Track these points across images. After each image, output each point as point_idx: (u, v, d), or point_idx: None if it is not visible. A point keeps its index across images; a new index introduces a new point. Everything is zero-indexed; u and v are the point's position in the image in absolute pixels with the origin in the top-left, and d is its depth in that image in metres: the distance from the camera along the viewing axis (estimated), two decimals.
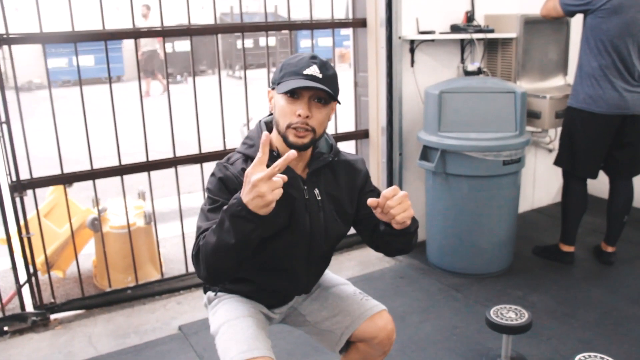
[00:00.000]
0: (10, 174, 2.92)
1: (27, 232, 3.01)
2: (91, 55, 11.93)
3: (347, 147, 3.93)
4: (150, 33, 3.11)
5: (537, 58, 3.86)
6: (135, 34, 3.10)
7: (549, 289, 3.29)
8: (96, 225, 3.36)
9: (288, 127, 1.64)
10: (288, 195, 1.63)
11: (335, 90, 1.68)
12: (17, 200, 2.95)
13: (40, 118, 3.39)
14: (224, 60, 15.96)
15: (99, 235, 3.34)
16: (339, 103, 1.74)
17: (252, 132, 1.81)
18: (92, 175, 3.13)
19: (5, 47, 2.83)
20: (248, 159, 1.73)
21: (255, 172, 1.43)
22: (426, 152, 3.37)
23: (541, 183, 4.52)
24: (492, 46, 3.84)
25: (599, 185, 3.76)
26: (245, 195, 1.44)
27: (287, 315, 2.05)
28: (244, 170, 1.60)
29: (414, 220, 1.72)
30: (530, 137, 3.37)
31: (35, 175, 3.00)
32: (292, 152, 1.46)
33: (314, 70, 1.63)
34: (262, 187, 1.41)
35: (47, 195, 3.56)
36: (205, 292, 1.99)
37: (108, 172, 3.17)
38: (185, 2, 3.06)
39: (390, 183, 3.69)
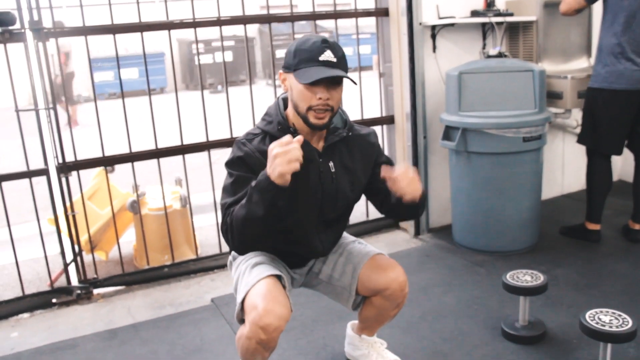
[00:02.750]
0: (57, 156, 3.16)
1: (72, 210, 3.24)
2: (135, 68, 12.39)
3: None
4: (182, 25, 3.31)
5: (559, 41, 3.92)
6: (169, 25, 3.31)
7: (572, 263, 3.34)
8: (135, 207, 3.56)
9: (309, 109, 1.79)
10: (305, 166, 1.77)
11: (347, 69, 1.83)
12: (63, 180, 3.18)
13: (88, 126, 3.62)
14: (263, 69, 16.31)
15: (138, 217, 3.55)
16: (355, 83, 1.93)
17: (271, 108, 1.96)
18: (131, 157, 3.34)
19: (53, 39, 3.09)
20: (266, 135, 1.89)
21: (275, 147, 1.62)
22: (448, 132, 3.47)
23: (570, 168, 4.54)
24: (514, 30, 3.92)
25: (628, 168, 3.76)
26: (269, 168, 1.63)
27: (306, 277, 2.19)
28: (261, 151, 1.81)
29: (423, 195, 1.88)
30: (550, 115, 3.43)
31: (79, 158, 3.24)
32: (299, 138, 1.65)
33: (328, 55, 1.78)
34: (284, 157, 1.61)
35: (91, 179, 3.80)
36: (230, 249, 2.12)
37: (145, 155, 3.38)
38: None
39: (416, 167, 3.79)
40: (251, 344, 1.79)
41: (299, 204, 1.88)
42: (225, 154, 3.62)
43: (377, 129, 3.95)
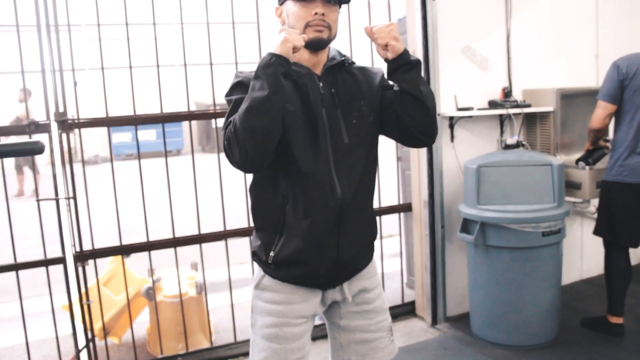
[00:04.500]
0: (74, 245, 3.17)
1: (87, 299, 3.23)
2: (153, 130, 12.60)
3: (390, 221, 4.08)
4: (202, 115, 3.39)
5: (576, 130, 3.95)
6: (190, 116, 3.38)
7: None
8: (150, 294, 3.55)
9: (306, 26, 1.79)
10: (302, 84, 1.79)
11: None
12: (80, 269, 3.18)
13: (105, 190, 3.66)
14: None
15: (153, 304, 3.53)
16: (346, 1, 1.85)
17: None
18: (148, 247, 3.35)
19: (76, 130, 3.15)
20: None
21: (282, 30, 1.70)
22: (466, 225, 3.45)
23: (589, 253, 4.48)
24: (531, 119, 3.95)
25: None
26: (275, 44, 1.67)
27: (331, 305, 1.99)
28: None
29: (408, 52, 1.79)
30: (570, 208, 3.41)
31: (96, 246, 3.26)
32: (304, 35, 1.72)
33: None
34: (290, 34, 1.68)
35: (107, 264, 3.80)
36: (252, 257, 1.95)
37: (163, 244, 3.39)
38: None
39: (433, 255, 3.76)
40: None
41: (302, 132, 1.78)
42: (243, 243, 3.67)
43: (395, 217, 3.97)
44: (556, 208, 3.31)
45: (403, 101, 1.80)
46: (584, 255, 4.48)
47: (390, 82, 1.88)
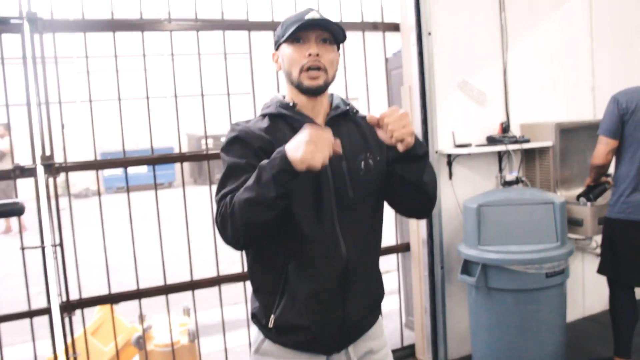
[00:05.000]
0: (60, 294, 3.03)
1: (74, 352, 3.08)
2: None
3: (388, 261, 3.97)
4: (194, 157, 3.29)
5: (575, 165, 3.88)
6: (182, 158, 3.28)
7: None
8: (141, 343, 3.40)
9: (301, 70, 1.68)
10: None
11: (337, 31, 1.73)
12: (66, 320, 3.04)
13: (94, 229, 3.55)
14: None
15: (144, 353, 3.38)
16: (344, 39, 1.76)
17: (268, 99, 1.85)
18: (138, 295, 3.21)
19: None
20: (265, 116, 1.76)
21: (317, 130, 1.47)
22: (467, 266, 3.35)
23: (591, 289, 4.38)
24: (530, 155, 3.87)
25: None
26: (296, 149, 1.46)
27: None
28: (261, 127, 1.69)
29: (420, 144, 1.65)
30: (573, 247, 3.32)
31: (85, 295, 3.12)
32: (337, 143, 1.50)
33: (313, 14, 1.70)
34: (317, 146, 1.44)
35: (95, 312, 3.65)
36: (252, 319, 1.82)
37: (153, 292, 3.25)
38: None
39: (433, 297, 3.65)
40: None
41: (307, 192, 1.66)
42: (237, 288, 3.54)
43: (393, 257, 3.86)
44: (559, 247, 3.21)
45: (404, 186, 1.71)
46: (585, 291, 4.38)
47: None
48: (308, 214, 1.65)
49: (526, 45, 3.91)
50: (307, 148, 1.45)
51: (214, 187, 1.77)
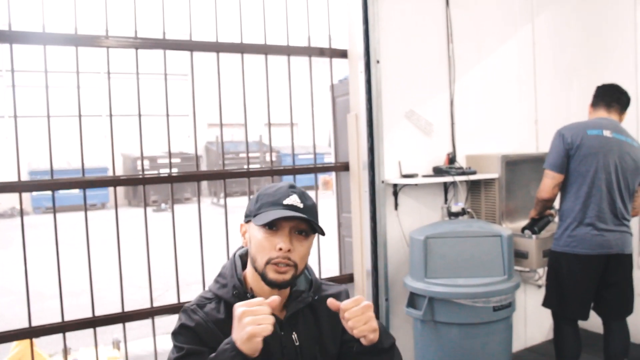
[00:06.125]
0: None
1: None
2: None
3: None
4: (129, 181, 3.09)
5: (520, 197, 3.89)
6: (116, 181, 3.06)
7: None
8: None
9: (267, 262, 1.52)
10: (265, 341, 1.45)
11: (317, 221, 1.59)
12: None
13: (18, 248, 3.28)
14: (208, 187, 16.12)
15: None
16: (323, 234, 1.61)
17: (225, 268, 1.67)
18: (62, 328, 2.94)
19: None
20: (221, 301, 1.60)
21: (242, 306, 1.37)
22: (413, 299, 3.26)
23: (533, 320, 4.38)
24: (475, 186, 3.86)
25: (597, 319, 3.61)
26: (235, 332, 1.36)
27: None
28: (215, 320, 1.53)
29: (387, 335, 1.55)
30: (519, 280, 3.29)
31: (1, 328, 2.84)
32: (276, 299, 1.38)
33: (294, 199, 1.55)
34: (256, 317, 1.35)
35: (12, 347, 3.36)
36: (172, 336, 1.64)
37: (79, 325, 2.99)
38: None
39: None
40: None
41: None
42: (172, 321, 3.33)
43: None
44: (507, 281, 3.17)
45: None
46: (527, 322, 4.37)
47: None
48: None
49: (473, 77, 3.92)
50: (242, 322, 1.36)
51: (149, 210, 1.61)
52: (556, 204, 3.49)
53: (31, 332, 2.92)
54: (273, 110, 3.40)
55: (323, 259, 3.56)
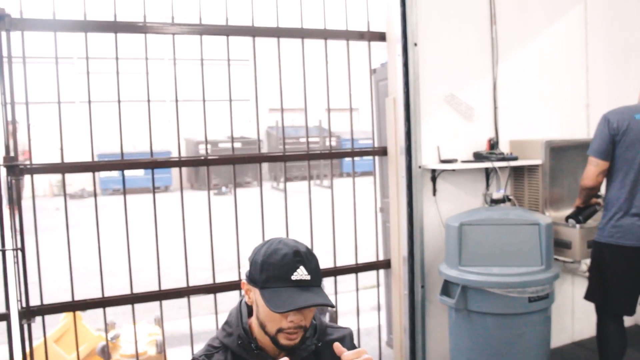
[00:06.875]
0: (20, 300, 2.91)
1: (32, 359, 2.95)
2: None
3: (368, 278, 3.84)
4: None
5: (566, 184, 3.74)
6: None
7: None
8: (105, 353, 3.27)
9: (279, 331, 1.54)
10: None
11: (321, 279, 1.59)
12: (25, 327, 2.92)
13: (87, 227, 3.44)
14: (269, 172, 16.32)
15: None
16: (332, 307, 1.58)
17: (232, 316, 1.69)
18: (103, 303, 3.08)
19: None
20: (227, 350, 1.63)
21: None
22: (447, 287, 3.21)
23: (581, 313, 4.22)
24: (518, 173, 3.74)
25: None
26: None
27: None
28: None
29: None
30: (559, 271, 3.17)
31: (47, 301, 2.99)
32: None
33: (302, 273, 1.53)
34: None
35: (60, 320, 3.53)
36: None
37: (119, 301, 3.13)
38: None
39: (412, 317, 3.51)
40: None
41: None
42: (207, 299, 3.41)
43: (373, 274, 3.73)
44: (544, 271, 3.07)
45: None
46: (575, 315, 4.22)
47: None
48: None
49: (518, 59, 3.78)
50: None
51: (212, 193, 1.65)
52: (603, 191, 3.34)
53: (74, 306, 3.07)
54: (333, 96, 3.46)
55: (362, 244, 3.55)
